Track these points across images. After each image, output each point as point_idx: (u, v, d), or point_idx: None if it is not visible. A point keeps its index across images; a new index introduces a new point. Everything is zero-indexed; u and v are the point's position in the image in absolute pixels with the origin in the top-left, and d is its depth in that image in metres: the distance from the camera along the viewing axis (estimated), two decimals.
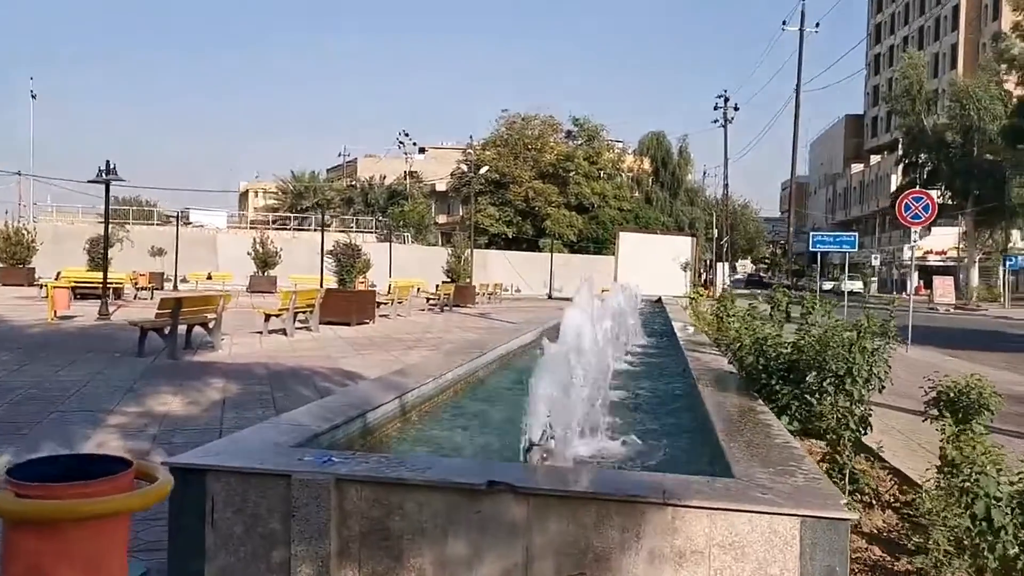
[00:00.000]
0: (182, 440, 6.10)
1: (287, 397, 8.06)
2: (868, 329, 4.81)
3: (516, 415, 6.28)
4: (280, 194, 68.76)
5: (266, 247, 33.48)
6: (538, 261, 43.17)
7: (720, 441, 4.12)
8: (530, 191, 51.23)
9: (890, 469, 5.38)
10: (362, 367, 10.43)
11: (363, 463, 3.49)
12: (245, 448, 3.72)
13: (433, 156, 76.20)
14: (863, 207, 79.83)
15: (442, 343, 13.99)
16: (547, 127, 55.01)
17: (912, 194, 17.04)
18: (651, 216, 51.94)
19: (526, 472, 3.48)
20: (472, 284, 28.76)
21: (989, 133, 45.02)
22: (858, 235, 36.51)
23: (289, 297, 14.24)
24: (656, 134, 56.97)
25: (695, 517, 2.99)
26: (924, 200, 16.65)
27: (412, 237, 48.68)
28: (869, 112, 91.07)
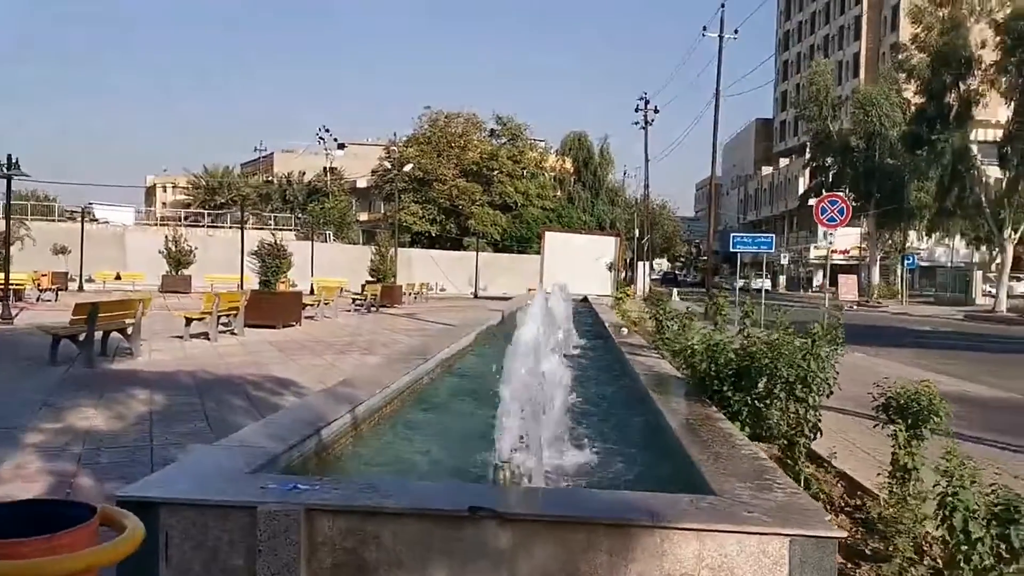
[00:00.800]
0: (110, 460, 5.71)
1: (220, 409, 7.68)
2: (821, 336, 4.89)
3: (469, 426, 6.17)
4: (192, 189, 66.25)
5: (179, 245, 32.10)
6: (463, 260, 42.97)
7: (689, 453, 4.12)
8: (454, 189, 50.96)
9: (837, 473, 5.51)
10: (296, 374, 10.06)
11: (333, 490, 3.31)
12: (199, 475, 3.48)
13: (353, 152, 74.70)
14: (773, 208, 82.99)
15: (374, 346, 13.69)
16: (470, 125, 54.82)
17: (828, 197, 17.73)
18: (574, 215, 52.48)
19: (508, 496, 3.37)
20: (399, 284, 28.34)
21: (890, 138, 47.42)
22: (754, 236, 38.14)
23: (212, 300, 13.64)
24: (578, 134, 57.65)
25: (684, 539, 2.95)
26: (839, 204, 17.32)
27: (333, 235, 47.66)
28: (778, 117, 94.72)
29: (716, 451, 4.12)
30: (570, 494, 3.36)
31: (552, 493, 3.44)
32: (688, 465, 4.00)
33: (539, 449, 4.10)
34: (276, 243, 16.83)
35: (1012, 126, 37.41)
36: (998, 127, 48.10)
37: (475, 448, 5.40)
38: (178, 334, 13.91)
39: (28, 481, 5.09)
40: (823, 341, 4.97)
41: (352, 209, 58.73)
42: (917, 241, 57.10)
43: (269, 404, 8.02)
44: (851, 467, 5.78)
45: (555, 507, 3.18)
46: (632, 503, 3.21)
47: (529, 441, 3.98)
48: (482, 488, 3.55)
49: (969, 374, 12.76)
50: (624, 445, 4.95)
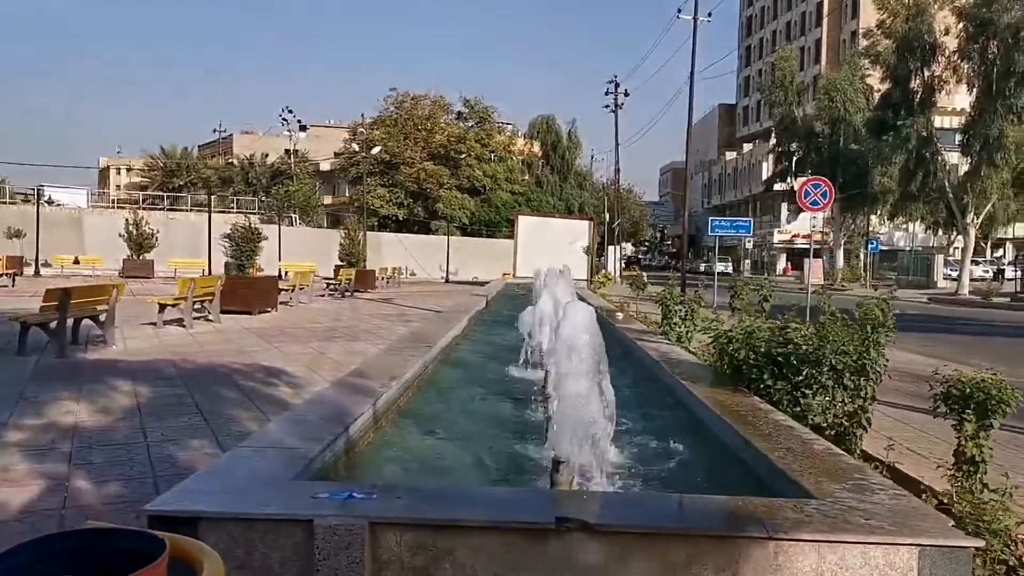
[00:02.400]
0: (104, 459, 5.24)
1: (211, 401, 7.20)
2: (881, 323, 4.64)
3: (494, 416, 5.83)
4: (149, 171, 64.32)
5: (140, 228, 30.98)
6: (432, 244, 42.43)
7: (757, 447, 3.83)
8: (421, 172, 50.24)
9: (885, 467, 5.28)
10: (283, 362, 9.60)
11: (396, 499, 2.94)
12: (237, 483, 3.07)
13: (316, 135, 73.39)
14: (736, 192, 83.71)
15: (358, 333, 13.24)
16: (437, 107, 54.03)
17: (811, 181, 17.68)
18: (542, 199, 52.14)
19: (597, 504, 3.02)
20: (372, 269, 27.74)
21: (854, 124, 47.89)
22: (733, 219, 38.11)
23: (187, 285, 13.02)
24: (546, 118, 57.15)
25: (801, 552, 2.65)
26: (823, 187, 17.29)
27: (299, 219, 46.64)
28: (741, 102, 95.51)
29: (787, 446, 3.84)
30: (664, 501, 3.04)
31: (645, 500, 3.11)
32: (761, 462, 3.71)
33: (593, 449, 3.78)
34: (250, 226, 16.20)
35: (974, 112, 37.99)
36: (955, 114, 49.07)
37: (510, 437, 5.08)
38: (150, 321, 13.28)
39: (17, 485, 4.62)
40: (885, 328, 4.72)
41: (317, 192, 57.60)
42: (879, 226, 58.09)
43: (263, 395, 7.58)
44: (892, 461, 5.57)
45: (651, 517, 2.85)
46: (731, 510, 2.90)
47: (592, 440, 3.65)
48: (564, 495, 3.20)
49: (953, 356, 12.77)
50: (675, 438, 4.64)
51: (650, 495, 3.24)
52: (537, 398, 6.30)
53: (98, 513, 4.13)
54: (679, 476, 3.98)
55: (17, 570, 1.68)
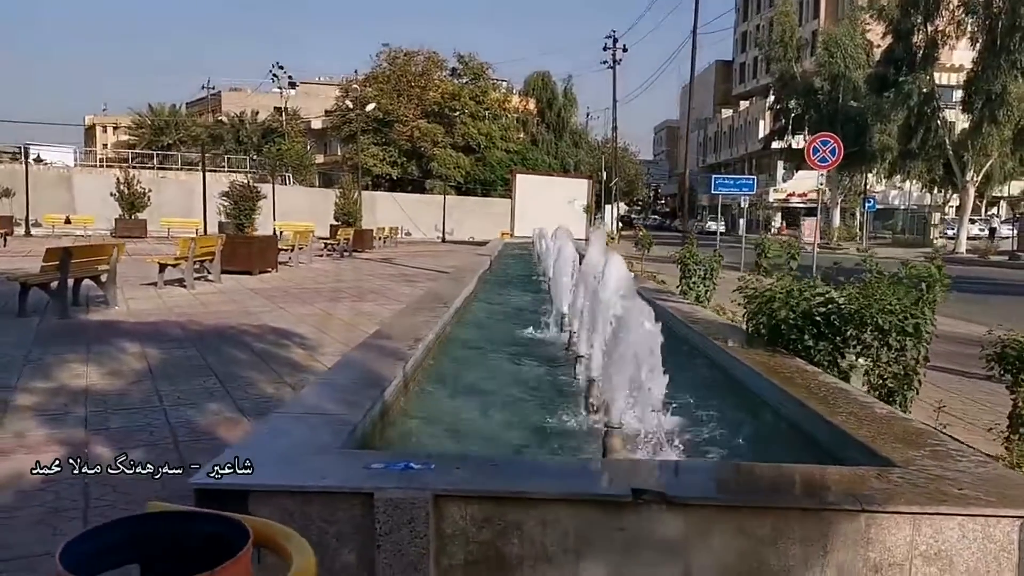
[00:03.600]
0: (122, 424, 5.05)
1: (224, 363, 7.01)
2: (938, 281, 4.45)
3: (524, 379, 5.67)
4: (136, 129, 63.17)
5: (132, 187, 30.42)
6: (428, 203, 41.95)
7: (818, 411, 3.66)
8: (415, 131, 49.48)
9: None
10: (292, 323, 9.40)
11: (454, 469, 2.76)
12: (281, 454, 2.88)
13: (305, 92, 71.99)
14: (732, 151, 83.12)
15: (363, 293, 13.02)
16: (431, 63, 53.00)
17: (820, 137, 17.37)
18: (538, 158, 51.53)
19: (675, 475, 2.85)
20: (370, 228, 27.39)
21: (854, 81, 47.28)
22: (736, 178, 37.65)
23: (187, 245, 12.73)
24: (541, 74, 56.19)
25: (896, 524, 2.49)
26: (831, 144, 17.00)
27: (292, 178, 45.98)
28: (738, 58, 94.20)
29: (847, 410, 3.67)
30: (741, 471, 2.86)
31: (721, 470, 2.93)
32: (822, 426, 3.55)
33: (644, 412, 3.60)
34: (249, 184, 15.84)
35: (977, 68, 37.53)
36: (954, 71, 48.53)
37: (544, 399, 4.91)
38: (150, 281, 13.03)
39: (35, 452, 4.43)
40: (939, 287, 4.54)
41: (309, 151, 56.77)
42: (875, 184, 57.81)
43: (276, 357, 7.39)
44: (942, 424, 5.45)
45: (732, 489, 2.69)
46: (814, 480, 2.73)
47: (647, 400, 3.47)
48: (635, 465, 3.02)
49: (970, 315, 12.68)
50: (720, 402, 4.47)
51: (725, 464, 3.06)
52: (566, 360, 6.14)
53: (124, 484, 3.95)
54: (735, 443, 3.81)
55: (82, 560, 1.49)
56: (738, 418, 4.32)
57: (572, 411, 4.58)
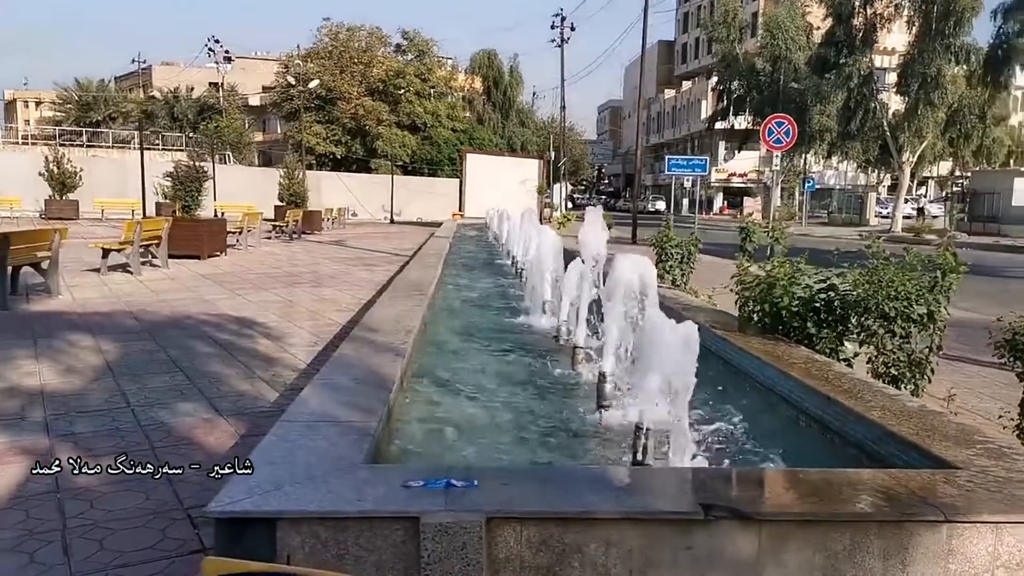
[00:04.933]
0: (88, 429, 4.64)
1: (189, 357, 6.58)
2: (953, 269, 4.38)
3: (511, 372, 5.44)
4: (63, 105, 60.08)
5: (63, 166, 28.85)
6: (374, 183, 41.06)
7: (850, 406, 3.53)
8: (359, 108, 48.27)
9: None
10: (253, 312, 8.95)
11: (503, 486, 2.52)
12: (303, 472, 2.60)
13: (242, 67, 69.60)
14: (675, 131, 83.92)
15: (322, 279, 12.56)
16: (374, 39, 51.71)
17: (775, 119, 17.51)
18: (484, 137, 51.00)
19: (744, 487, 2.66)
20: (319, 209, 26.62)
21: (795, 62, 48.04)
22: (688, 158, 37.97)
23: (133, 228, 12.04)
24: (488, 52, 55.52)
25: (978, 535, 2.36)
26: (786, 125, 17.16)
27: (232, 157, 44.42)
28: (679, 39, 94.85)
29: (878, 404, 3.57)
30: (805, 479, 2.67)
31: (789, 479, 2.74)
32: (855, 424, 3.43)
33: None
34: (195, 164, 15.10)
35: (912, 51, 38.50)
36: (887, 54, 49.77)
37: (543, 391, 4.69)
38: (92, 267, 12.30)
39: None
40: (953, 273, 4.47)
41: (248, 128, 54.98)
42: (813, 164, 59.09)
43: (243, 349, 6.98)
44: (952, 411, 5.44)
45: (805, 500, 2.51)
46: (884, 486, 2.58)
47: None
48: (692, 475, 2.82)
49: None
50: (736, 397, 4.33)
51: (788, 473, 2.88)
52: (558, 349, 5.93)
53: (103, 498, 3.59)
54: (768, 444, 3.66)
55: None
56: (764, 417, 4.17)
57: (580, 406, 4.38)
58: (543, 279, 7.31)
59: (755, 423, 3.98)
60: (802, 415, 3.95)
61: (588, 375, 5.04)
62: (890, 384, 4.75)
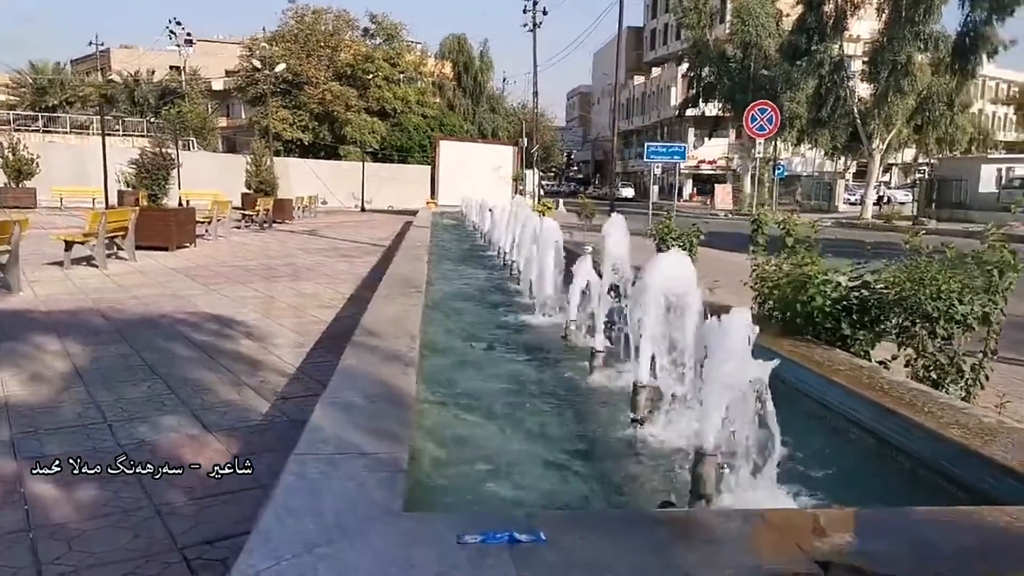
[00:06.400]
0: (61, 449, 4.16)
1: (166, 361, 6.09)
2: (1011, 266, 4.09)
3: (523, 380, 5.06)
4: (17, 89, 57.93)
5: (18, 153, 27.66)
6: (343, 171, 40.26)
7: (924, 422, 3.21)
8: (327, 94, 47.26)
9: None
10: (231, 309, 8.44)
11: (581, 540, 2.13)
12: (333, 523, 2.18)
13: (204, 51, 67.78)
14: (645, 118, 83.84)
15: (300, 271, 12.04)
16: (342, 22, 50.65)
17: (758, 106, 17.30)
18: (455, 123, 50.33)
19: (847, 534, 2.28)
20: (289, 198, 25.87)
21: (765, 49, 48.12)
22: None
23: (98, 219, 11.38)
24: (457, 37, 54.67)
25: None
26: (768, 112, 16.97)
27: (196, 143, 43.18)
28: (648, 25, 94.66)
29: (953, 419, 3.24)
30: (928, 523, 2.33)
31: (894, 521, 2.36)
32: (929, 443, 3.10)
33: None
34: (162, 151, 14.40)
35: (882, 38, 38.68)
36: (853, 41, 50.07)
37: (577, 401, 4.32)
38: (52, 260, 11.64)
39: None
40: (1015, 271, 4.18)
41: (212, 114, 53.60)
42: (784, 152, 59.41)
43: (226, 352, 6.50)
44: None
45: (934, 550, 2.16)
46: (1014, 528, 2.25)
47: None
48: (791, 521, 2.44)
49: None
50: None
51: (892, 513, 2.50)
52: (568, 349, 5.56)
53: (83, 540, 3.14)
54: (819, 464, 3.31)
55: None
56: (810, 431, 3.82)
57: (608, 421, 4.02)
58: (543, 275, 6.93)
59: (801, 440, 3.63)
60: (855, 428, 3.62)
61: (607, 382, 4.69)
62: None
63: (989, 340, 4.24)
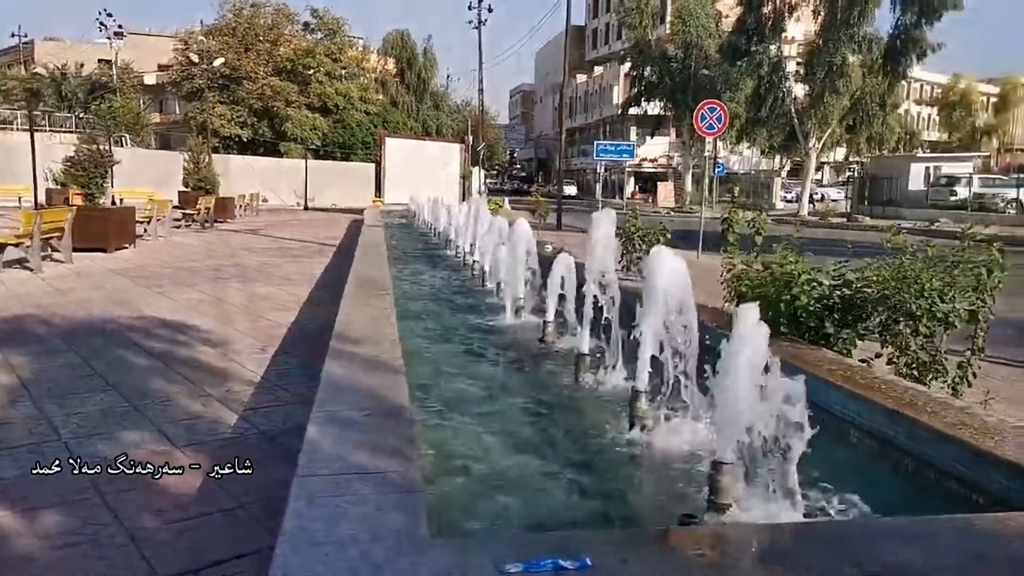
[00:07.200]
0: (15, 472, 3.83)
1: (119, 371, 5.74)
2: (999, 265, 4.12)
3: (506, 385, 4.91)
4: None
5: None
6: (285, 168, 39.36)
7: (932, 424, 3.17)
8: (266, 89, 46.12)
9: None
10: (182, 313, 8.05)
11: (622, 563, 1.99)
12: (360, 553, 2.00)
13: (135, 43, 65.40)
14: (587, 116, 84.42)
15: (248, 272, 11.62)
16: (281, 16, 49.50)
17: (707, 105, 17.48)
18: (399, 120, 49.75)
19: (890, 547, 2.19)
20: (231, 196, 25.07)
21: (706, 49, 48.99)
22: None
23: (32, 219, 10.75)
24: (400, 32, 54.08)
25: None
26: (717, 111, 17.17)
27: (129, 140, 41.54)
28: (590, 24, 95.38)
29: (957, 419, 3.22)
30: (969, 530, 2.25)
31: (933, 531, 2.28)
32: (939, 445, 3.07)
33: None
34: (100, 148, 13.72)
35: (818, 40, 39.75)
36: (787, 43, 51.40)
37: (568, 407, 4.18)
38: None
39: None
40: (1002, 270, 4.21)
41: (146, 109, 51.71)
42: (723, 150, 60.60)
43: (183, 360, 6.17)
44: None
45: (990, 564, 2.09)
46: None
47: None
48: (823, 533, 2.34)
49: None
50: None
51: (922, 522, 2.40)
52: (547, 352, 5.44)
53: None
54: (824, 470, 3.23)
55: None
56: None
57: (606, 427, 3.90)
58: (514, 275, 6.78)
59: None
60: (855, 431, 3.59)
61: (596, 386, 4.58)
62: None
63: (976, 338, 4.29)
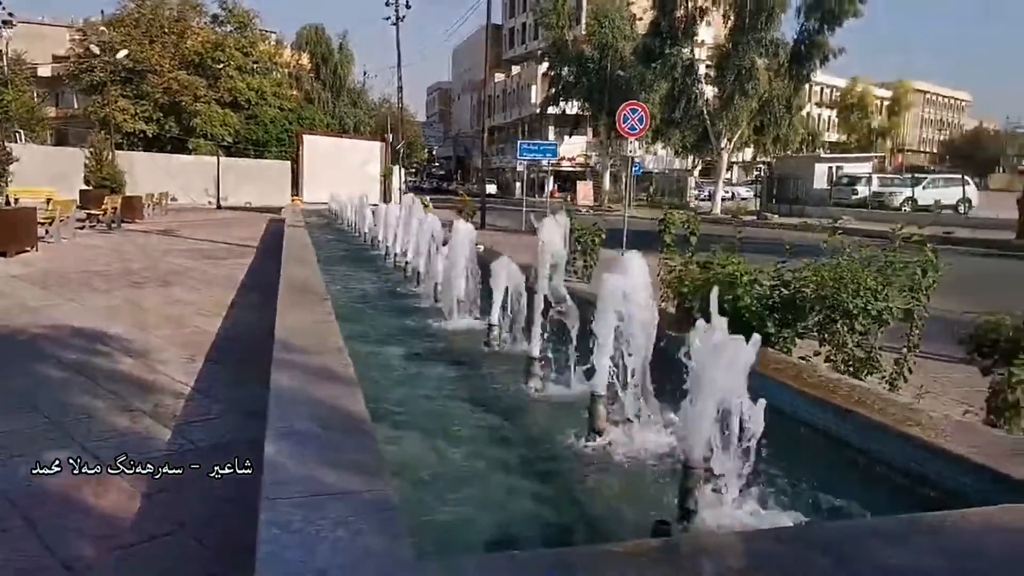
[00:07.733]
0: None
1: (36, 385, 5.36)
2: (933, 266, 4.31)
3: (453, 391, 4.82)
4: None
5: None
6: (195, 165, 37.89)
7: (885, 421, 3.28)
8: (173, 83, 44.21)
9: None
10: (99, 320, 7.60)
11: None
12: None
13: (27, 33, 61.70)
14: (506, 115, 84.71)
15: (165, 275, 11.09)
16: (187, 8, 47.54)
17: (629, 106, 17.78)
18: (314, 116, 48.60)
19: (892, 547, 2.23)
20: (139, 195, 23.89)
21: (621, 50, 49.90)
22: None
23: None
24: (315, 27, 52.86)
25: None
26: (639, 112, 17.49)
27: (24, 136, 39.11)
28: (507, 23, 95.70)
29: (903, 416, 3.35)
30: (952, 527, 2.32)
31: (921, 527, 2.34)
32: (893, 443, 3.18)
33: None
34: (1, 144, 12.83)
35: (728, 44, 41.12)
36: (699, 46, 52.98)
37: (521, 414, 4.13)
38: None
39: None
40: (936, 271, 4.40)
41: (41, 103, 48.86)
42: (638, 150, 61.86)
43: (104, 372, 5.82)
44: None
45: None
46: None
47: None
48: (820, 534, 2.36)
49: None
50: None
51: (911, 520, 2.47)
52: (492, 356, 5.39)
53: None
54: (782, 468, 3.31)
55: None
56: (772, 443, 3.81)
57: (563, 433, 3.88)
58: (452, 277, 6.70)
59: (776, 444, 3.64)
60: (805, 429, 3.68)
61: (548, 391, 4.56)
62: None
63: (912, 335, 4.49)
